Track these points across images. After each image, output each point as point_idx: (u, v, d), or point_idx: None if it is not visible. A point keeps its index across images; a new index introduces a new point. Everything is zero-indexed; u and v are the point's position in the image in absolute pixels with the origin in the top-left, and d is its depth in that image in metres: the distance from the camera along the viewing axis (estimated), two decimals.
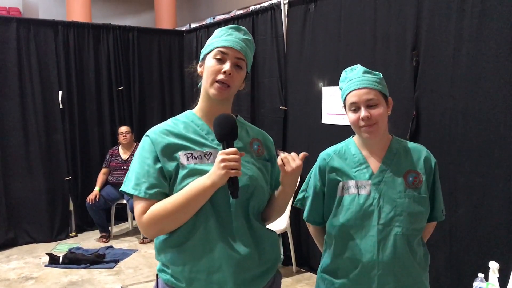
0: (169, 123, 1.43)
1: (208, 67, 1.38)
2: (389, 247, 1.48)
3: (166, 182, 1.35)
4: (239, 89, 1.45)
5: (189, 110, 1.48)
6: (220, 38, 1.40)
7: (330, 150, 1.64)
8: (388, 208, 1.50)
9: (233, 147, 1.30)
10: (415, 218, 1.51)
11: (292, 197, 1.59)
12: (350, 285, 1.53)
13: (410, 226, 1.50)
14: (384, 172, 1.54)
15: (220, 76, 1.35)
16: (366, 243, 1.50)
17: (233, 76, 1.37)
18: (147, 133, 1.41)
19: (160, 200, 1.33)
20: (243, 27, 1.45)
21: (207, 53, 1.41)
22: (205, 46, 1.44)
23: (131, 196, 1.36)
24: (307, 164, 4.04)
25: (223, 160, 1.25)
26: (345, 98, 1.55)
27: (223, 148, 1.31)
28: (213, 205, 1.34)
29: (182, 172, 1.33)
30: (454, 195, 2.64)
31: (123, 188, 1.36)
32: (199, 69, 1.45)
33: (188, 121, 1.43)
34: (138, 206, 1.34)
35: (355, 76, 1.53)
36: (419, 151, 1.59)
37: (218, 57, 1.37)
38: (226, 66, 1.35)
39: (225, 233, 1.34)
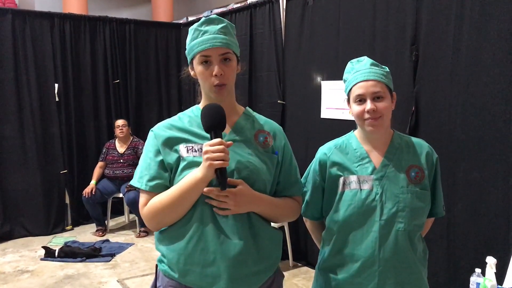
0: (175, 118, 1.47)
1: (199, 74, 1.38)
2: (391, 243, 1.47)
3: (166, 174, 1.38)
4: (237, 72, 1.44)
5: (196, 105, 1.50)
6: (197, 40, 1.37)
7: (330, 144, 1.61)
8: (391, 203, 1.48)
9: (220, 137, 1.30)
10: (417, 214, 1.50)
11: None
12: (350, 281, 1.51)
13: (412, 221, 1.49)
14: (386, 167, 1.52)
15: (214, 81, 1.35)
16: (367, 239, 1.48)
17: (225, 73, 1.36)
18: (152, 128, 1.45)
19: (161, 192, 1.36)
20: (215, 16, 1.40)
21: (192, 58, 1.40)
22: (186, 48, 1.42)
23: (136, 189, 1.40)
24: (306, 159, 4.02)
25: (206, 152, 1.27)
26: (350, 90, 1.52)
27: (211, 139, 1.31)
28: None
29: (181, 164, 1.36)
30: (452, 190, 2.64)
31: (131, 181, 1.44)
32: (192, 73, 1.44)
33: (193, 115, 1.45)
34: (141, 198, 1.39)
35: (362, 68, 1.50)
36: (421, 146, 1.57)
37: (204, 61, 1.36)
38: (215, 69, 1.34)
39: (220, 226, 1.34)
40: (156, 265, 1.47)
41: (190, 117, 1.45)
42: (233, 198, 1.31)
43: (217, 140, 1.28)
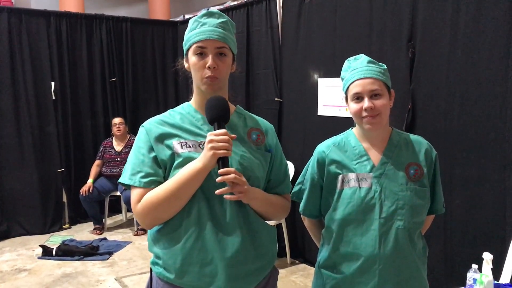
0: (166, 114, 1.44)
1: (193, 65, 1.37)
2: (391, 241, 1.46)
3: (161, 171, 1.35)
4: (231, 72, 1.43)
5: (186, 102, 1.48)
6: (196, 31, 1.37)
7: (329, 142, 1.61)
8: (390, 201, 1.48)
9: (224, 129, 1.30)
10: (416, 211, 1.50)
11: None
12: (351, 280, 1.50)
13: (412, 219, 1.48)
14: (385, 164, 1.51)
15: (207, 73, 1.34)
16: (367, 237, 1.47)
17: (219, 67, 1.35)
18: (143, 124, 1.42)
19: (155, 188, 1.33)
20: (216, 11, 1.40)
21: (188, 49, 1.39)
22: (184, 39, 1.42)
23: (128, 186, 1.36)
24: (303, 156, 4.02)
25: (210, 141, 1.26)
26: (347, 88, 1.52)
27: (214, 130, 1.30)
28: (205, 194, 1.33)
29: (177, 160, 1.33)
30: (449, 187, 2.65)
31: (120, 179, 1.38)
32: (186, 65, 1.44)
33: (185, 112, 1.44)
34: (134, 196, 1.34)
35: (359, 66, 1.50)
36: (420, 143, 1.57)
37: (199, 52, 1.35)
38: (209, 61, 1.33)
39: (218, 224, 1.33)
40: (151, 269, 1.44)
41: (181, 114, 1.43)
42: (242, 181, 1.29)
43: (223, 130, 1.28)
